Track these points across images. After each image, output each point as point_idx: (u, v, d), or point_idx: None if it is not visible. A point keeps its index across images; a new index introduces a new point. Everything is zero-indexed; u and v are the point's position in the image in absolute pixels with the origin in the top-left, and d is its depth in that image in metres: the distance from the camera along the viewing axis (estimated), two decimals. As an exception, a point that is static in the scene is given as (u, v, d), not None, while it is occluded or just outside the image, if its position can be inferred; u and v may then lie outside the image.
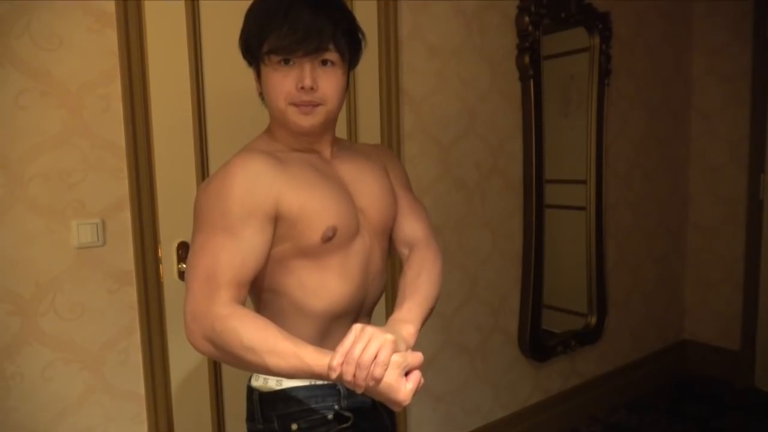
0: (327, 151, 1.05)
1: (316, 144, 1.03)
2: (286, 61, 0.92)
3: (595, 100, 2.57)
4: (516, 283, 2.40)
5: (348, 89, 1.02)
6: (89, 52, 1.42)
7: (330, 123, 1.01)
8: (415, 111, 2.01)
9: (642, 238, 2.96)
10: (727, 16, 2.99)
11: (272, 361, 0.81)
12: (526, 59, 2.25)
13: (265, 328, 0.83)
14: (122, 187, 1.49)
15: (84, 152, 1.43)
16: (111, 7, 1.44)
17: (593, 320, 2.69)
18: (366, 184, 1.06)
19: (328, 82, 0.94)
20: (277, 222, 0.93)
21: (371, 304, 1.10)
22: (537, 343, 2.42)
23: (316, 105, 0.94)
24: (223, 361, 0.89)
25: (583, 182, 2.63)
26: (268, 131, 1.04)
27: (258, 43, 0.93)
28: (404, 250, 1.12)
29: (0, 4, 1.30)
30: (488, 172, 2.25)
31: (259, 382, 1.03)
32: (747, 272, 3.00)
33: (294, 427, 1.01)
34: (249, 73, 1.02)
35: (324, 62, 0.93)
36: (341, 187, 1.01)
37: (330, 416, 1.02)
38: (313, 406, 1.02)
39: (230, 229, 0.89)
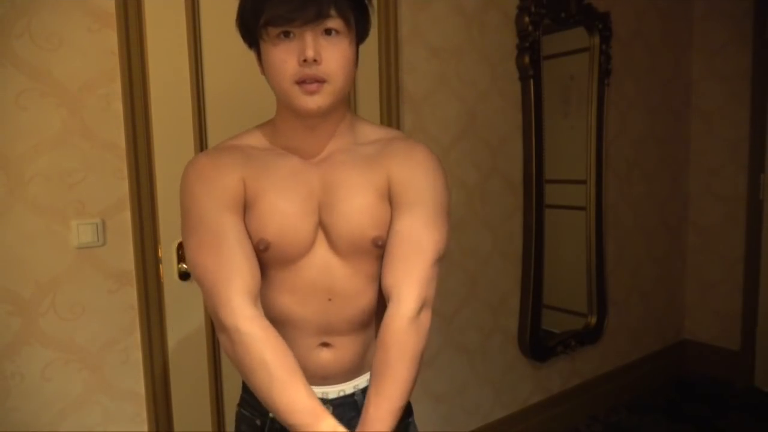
0: (320, 149, 0.94)
1: (312, 137, 0.93)
2: (286, 34, 0.84)
3: (595, 100, 2.57)
4: (516, 283, 2.40)
5: (357, 64, 0.92)
6: (89, 52, 1.42)
7: (338, 104, 0.90)
8: (415, 111, 2.01)
9: (642, 238, 2.96)
10: (727, 16, 2.99)
11: (275, 402, 0.83)
12: (526, 59, 2.25)
13: (290, 365, 0.84)
14: (122, 187, 1.49)
15: (84, 152, 1.43)
16: (111, 7, 1.44)
17: (593, 320, 2.69)
18: (340, 198, 0.92)
19: (332, 53, 0.85)
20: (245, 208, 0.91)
21: (342, 324, 0.96)
22: (537, 343, 2.42)
23: (321, 81, 0.85)
24: (231, 358, 0.88)
25: (583, 182, 2.63)
26: (269, 122, 0.99)
27: (254, 19, 0.85)
28: (388, 301, 0.91)
29: (0, 4, 1.30)
30: (488, 172, 2.25)
31: None
32: (747, 272, 3.00)
33: (237, 410, 1.07)
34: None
35: (328, 32, 0.84)
36: (306, 198, 0.92)
37: (258, 422, 1.01)
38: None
39: (213, 231, 0.88)
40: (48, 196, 1.39)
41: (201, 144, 1.59)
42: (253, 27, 0.86)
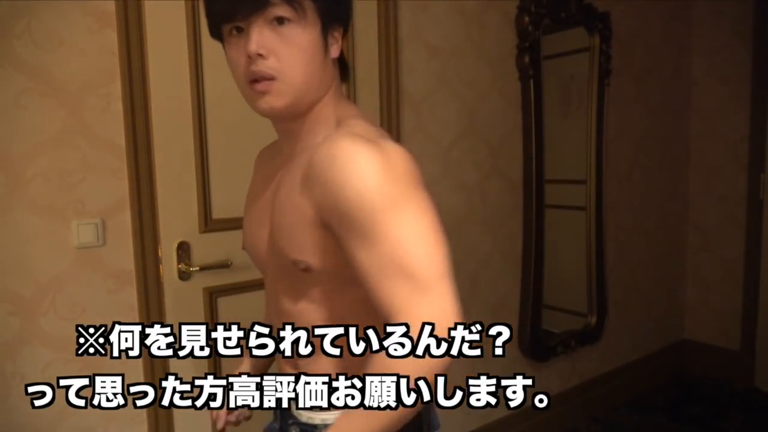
0: (290, 150, 0.84)
1: (285, 139, 0.85)
2: (239, 30, 0.75)
3: (595, 100, 2.57)
4: (516, 283, 2.40)
5: (328, 53, 0.79)
6: (89, 52, 1.42)
7: (302, 103, 0.78)
8: (415, 111, 2.01)
9: (642, 238, 2.96)
10: (727, 16, 2.99)
11: None
12: (526, 59, 2.25)
13: None
14: (122, 187, 1.49)
15: (84, 152, 1.43)
16: (111, 7, 1.44)
17: (593, 320, 2.69)
18: (276, 210, 0.82)
19: (282, 45, 0.73)
20: None
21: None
22: (537, 343, 2.42)
23: (270, 79, 0.74)
24: None
25: (583, 182, 2.63)
26: None
27: (207, 17, 0.79)
28: None
29: (0, 4, 1.30)
30: (488, 172, 2.24)
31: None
32: (747, 272, 3.00)
33: None
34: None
35: (280, 21, 0.73)
36: (264, 206, 0.87)
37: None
38: None
39: None
40: (48, 196, 1.39)
41: (201, 143, 1.59)
42: (211, 27, 0.79)
